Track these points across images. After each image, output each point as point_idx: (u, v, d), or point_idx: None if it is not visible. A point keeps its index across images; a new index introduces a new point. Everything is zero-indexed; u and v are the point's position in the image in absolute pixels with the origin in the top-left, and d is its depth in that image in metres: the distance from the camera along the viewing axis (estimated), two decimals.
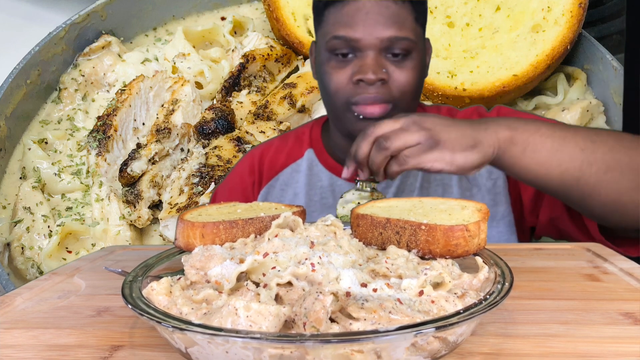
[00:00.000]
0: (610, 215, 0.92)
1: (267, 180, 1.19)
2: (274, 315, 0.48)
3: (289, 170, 1.18)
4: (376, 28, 0.99)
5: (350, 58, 1.02)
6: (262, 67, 1.83)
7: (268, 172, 1.19)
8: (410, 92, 1.02)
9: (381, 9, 0.99)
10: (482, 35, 1.76)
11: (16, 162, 1.79)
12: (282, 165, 1.19)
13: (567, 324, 0.59)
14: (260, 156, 1.21)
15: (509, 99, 1.76)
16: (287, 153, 1.20)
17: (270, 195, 1.17)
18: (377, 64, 0.99)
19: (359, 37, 0.99)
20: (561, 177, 0.88)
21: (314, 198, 1.14)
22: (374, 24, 0.99)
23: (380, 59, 1.00)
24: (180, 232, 0.69)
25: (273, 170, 1.19)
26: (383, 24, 0.99)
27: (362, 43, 1.00)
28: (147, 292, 0.56)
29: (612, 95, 1.72)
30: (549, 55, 1.68)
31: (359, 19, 0.99)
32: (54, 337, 0.60)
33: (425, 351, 0.49)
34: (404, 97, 1.02)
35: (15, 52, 1.78)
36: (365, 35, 0.99)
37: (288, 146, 1.21)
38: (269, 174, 1.19)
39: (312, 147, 1.19)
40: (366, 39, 0.99)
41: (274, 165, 1.19)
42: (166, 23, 2.05)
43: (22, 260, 1.60)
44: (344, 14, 1.01)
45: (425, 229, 0.62)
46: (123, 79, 1.85)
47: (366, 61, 0.99)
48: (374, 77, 0.99)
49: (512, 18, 1.75)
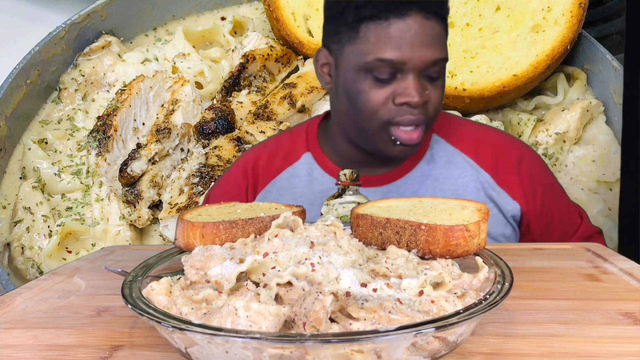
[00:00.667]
0: None
1: (263, 185, 1.16)
2: (274, 315, 0.48)
3: (286, 174, 1.15)
4: (421, 50, 0.96)
5: (389, 78, 0.98)
6: (262, 67, 1.83)
7: (263, 177, 1.16)
8: (439, 109, 1.03)
9: (427, 30, 0.96)
10: (482, 35, 1.76)
11: (16, 162, 1.79)
12: (278, 169, 1.16)
13: (567, 324, 0.59)
14: (254, 160, 1.18)
15: (509, 99, 1.76)
16: (283, 156, 1.17)
17: (267, 200, 1.13)
18: (421, 86, 0.97)
19: (405, 60, 0.96)
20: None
21: (315, 203, 1.10)
22: (420, 46, 0.95)
23: (421, 80, 0.98)
24: (180, 232, 0.69)
25: (269, 175, 1.16)
26: (428, 45, 0.96)
27: (407, 66, 0.96)
28: (147, 292, 0.56)
29: (612, 95, 1.71)
30: (549, 55, 1.68)
31: (406, 41, 0.95)
32: (54, 337, 0.60)
33: (425, 351, 0.49)
34: (436, 115, 1.02)
35: (15, 52, 1.77)
36: (411, 58, 0.96)
37: (283, 148, 1.18)
38: (265, 178, 1.16)
39: (309, 150, 1.16)
40: (412, 62, 0.96)
41: (269, 170, 1.16)
42: (166, 23, 2.05)
43: (22, 260, 1.60)
44: (390, 34, 0.95)
45: (425, 229, 0.62)
46: (123, 79, 1.85)
47: (410, 84, 0.96)
48: (421, 100, 0.97)
49: (512, 18, 1.75)
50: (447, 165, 1.11)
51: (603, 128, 1.73)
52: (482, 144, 1.12)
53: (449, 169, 1.10)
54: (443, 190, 1.09)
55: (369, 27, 0.97)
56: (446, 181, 1.10)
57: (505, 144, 1.14)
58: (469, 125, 1.19)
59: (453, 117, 1.24)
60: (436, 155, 1.11)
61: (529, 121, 1.70)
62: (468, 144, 1.12)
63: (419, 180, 1.10)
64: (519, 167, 1.10)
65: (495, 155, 1.11)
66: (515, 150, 1.13)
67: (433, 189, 1.09)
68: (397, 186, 1.10)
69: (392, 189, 1.09)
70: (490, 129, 1.23)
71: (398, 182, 1.10)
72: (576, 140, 1.71)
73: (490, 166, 1.10)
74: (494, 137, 1.15)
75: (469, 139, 1.13)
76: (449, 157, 1.11)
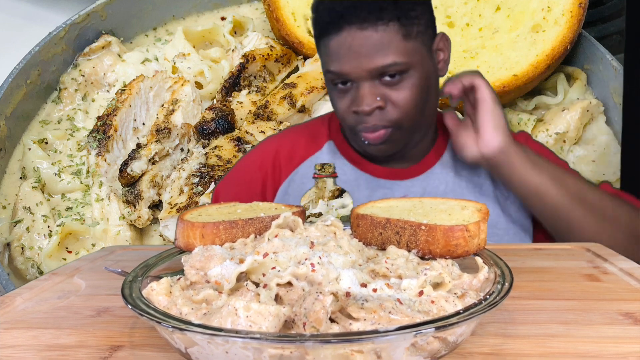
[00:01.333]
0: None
1: (286, 175, 1.17)
2: (273, 316, 0.48)
3: (309, 163, 1.17)
4: (360, 61, 0.99)
5: (349, 86, 1.02)
6: (262, 67, 1.83)
7: (287, 166, 1.17)
8: (413, 109, 1.02)
9: (362, 41, 0.98)
10: (482, 35, 1.76)
11: (16, 162, 1.79)
12: (302, 157, 1.17)
13: (567, 324, 0.59)
14: (275, 150, 1.19)
15: (509, 99, 1.76)
16: (305, 145, 1.19)
17: (291, 189, 1.15)
18: (370, 94, 1.00)
19: (347, 72, 1.00)
20: (556, 200, 1.02)
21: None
22: (358, 57, 0.99)
23: (375, 86, 1.00)
24: (180, 232, 0.69)
25: (292, 164, 1.17)
26: (365, 55, 0.98)
27: (352, 76, 1.00)
28: (147, 292, 0.56)
29: (612, 95, 1.71)
30: (549, 55, 1.68)
31: (343, 53, 0.99)
32: (54, 337, 0.60)
33: (425, 351, 0.49)
34: (406, 116, 1.02)
35: (15, 52, 1.77)
36: (352, 69, 0.99)
37: (304, 138, 1.20)
38: (288, 168, 1.17)
39: (332, 139, 1.18)
40: (355, 72, 1.00)
41: (293, 158, 1.18)
42: (166, 23, 2.05)
43: (22, 260, 1.60)
44: (331, 48, 1.01)
45: (425, 229, 0.62)
46: (123, 79, 1.85)
47: (360, 92, 1.00)
48: (368, 108, 1.00)
49: (512, 18, 1.75)
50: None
51: (603, 128, 1.73)
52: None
53: (466, 166, 1.13)
54: (461, 187, 1.11)
55: (322, 42, 1.04)
56: (463, 178, 1.13)
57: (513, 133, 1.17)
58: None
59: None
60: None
61: (529, 121, 1.70)
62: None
63: (438, 177, 1.12)
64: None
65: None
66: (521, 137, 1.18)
67: (453, 185, 1.12)
68: (420, 180, 1.12)
69: (415, 182, 1.12)
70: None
71: (421, 176, 1.13)
72: (576, 140, 1.71)
73: None
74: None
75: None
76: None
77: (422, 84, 1.02)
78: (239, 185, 1.19)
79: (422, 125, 1.09)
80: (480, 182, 1.12)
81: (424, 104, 1.04)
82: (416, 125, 1.06)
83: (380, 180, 1.12)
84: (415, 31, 1.01)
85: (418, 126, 1.07)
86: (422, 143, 1.13)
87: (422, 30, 1.02)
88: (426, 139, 1.13)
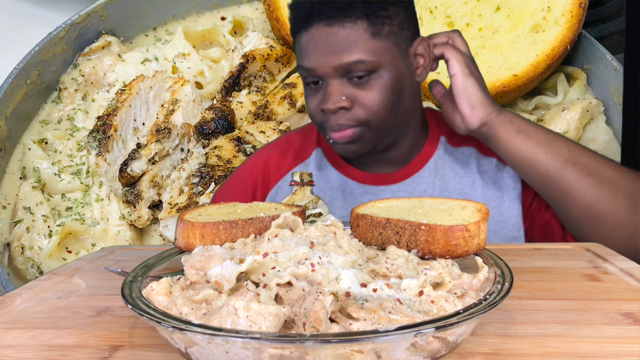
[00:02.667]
0: (585, 223, 1.00)
1: (274, 183, 1.18)
2: (273, 316, 0.48)
3: (296, 170, 1.17)
4: (325, 57, 0.99)
5: (320, 85, 1.02)
6: (262, 67, 1.83)
7: (275, 175, 1.18)
8: (383, 110, 1.01)
9: (328, 37, 0.98)
10: (482, 35, 1.76)
11: (16, 162, 1.79)
12: (289, 166, 1.18)
13: (567, 324, 0.59)
14: (265, 160, 1.20)
15: (509, 99, 1.76)
16: (294, 153, 1.19)
17: (278, 197, 1.16)
18: (337, 93, 0.99)
19: (313, 67, 1.00)
20: (546, 166, 0.99)
21: (325, 198, 1.13)
22: (324, 53, 0.99)
23: (343, 85, 1.00)
24: (180, 232, 0.69)
25: (280, 173, 1.18)
26: (332, 51, 0.98)
27: (319, 72, 1.00)
28: (147, 292, 0.56)
29: (612, 95, 1.71)
30: (549, 55, 1.68)
31: (310, 49, 1.00)
32: (53, 337, 0.60)
33: (425, 351, 0.49)
34: (375, 116, 1.01)
35: (15, 52, 1.77)
36: (318, 65, 1.00)
37: (294, 146, 1.20)
38: (276, 176, 1.18)
39: (320, 146, 1.19)
40: (321, 69, 1.00)
41: (281, 167, 1.18)
42: (166, 23, 2.05)
43: (22, 260, 1.60)
44: (300, 44, 1.02)
45: (425, 229, 0.62)
46: (123, 79, 1.85)
47: (327, 90, 1.00)
48: (333, 107, 0.99)
49: (512, 18, 1.75)
50: (452, 165, 1.12)
51: (603, 128, 1.73)
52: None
53: (454, 169, 1.12)
54: (449, 190, 1.10)
55: (295, 39, 1.05)
56: (451, 180, 1.11)
57: None
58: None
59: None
60: (444, 155, 1.13)
61: None
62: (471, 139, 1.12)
63: (426, 180, 1.11)
64: None
65: None
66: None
67: (440, 188, 1.11)
68: (407, 185, 1.11)
69: (402, 187, 1.11)
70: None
71: (407, 180, 1.12)
72: (576, 140, 1.71)
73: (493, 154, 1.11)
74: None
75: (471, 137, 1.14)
76: (455, 156, 1.13)
77: (393, 85, 1.01)
78: (234, 193, 1.21)
79: (395, 127, 1.06)
80: (469, 183, 1.11)
81: (395, 106, 1.02)
82: (387, 127, 1.04)
83: (366, 187, 1.12)
84: (386, 31, 1.00)
85: (390, 128, 1.05)
86: (404, 146, 1.11)
87: (394, 31, 1.01)
88: (408, 140, 1.11)
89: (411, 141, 1.12)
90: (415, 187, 1.11)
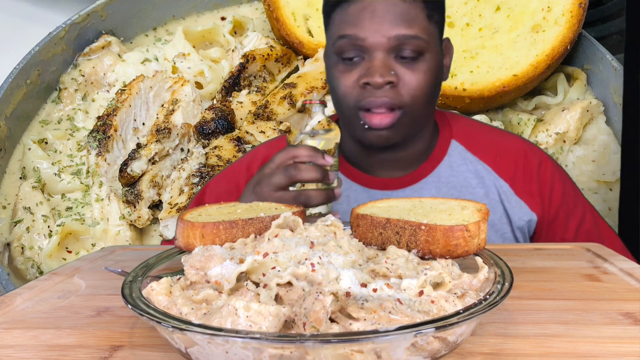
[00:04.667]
0: None
1: None
2: (273, 316, 0.48)
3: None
4: (383, 26, 0.95)
5: (357, 61, 0.98)
6: (262, 67, 1.83)
7: None
8: (423, 97, 0.98)
9: (388, 7, 0.95)
10: (482, 35, 1.76)
11: (16, 162, 1.79)
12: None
13: (567, 324, 0.59)
14: (264, 156, 1.18)
15: (509, 99, 1.76)
16: None
17: None
18: (385, 66, 0.95)
19: (364, 36, 0.95)
20: None
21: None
22: (381, 22, 0.95)
23: (389, 60, 0.96)
24: (180, 232, 0.69)
25: None
26: (390, 21, 0.95)
27: (368, 42, 0.95)
28: (147, 292, 0.56)
29: (612, 95, 1.71)
30: (549, 55, 1.68)
31: (365, 17, 0.95)
32: (54, 337, 0.60)
33: (425, 351, 0.49)
34: (416, 102, 0.98)
35: (15, 52, 1.77)
36: (371, 34, 0.95)
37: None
38: None
39: None
40: (373, 38, 0.95)
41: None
42: (166, 23, 2.05)
43: (22, 260, 1.60)
44: (350, 13, 0.97)
45: (425, 229, 0.62)
46: (123, 79, 1.85)
47: (373, 63, 0.95)
48: (382, 79, 0.94)
49: (512, 18, 1.75)
50: (465, 174, 1.09)
51: (603, 128, 1.73)
52: (503, 152, 1.11)
53: (467, 178, 1.09)
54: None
55: (336, 12, 1.00)
56: (463, 190, 1.08)
57: (526, 151, 1.12)
58: (489, 132, 1.17)
59: (473, 122, 1.22)
60: (454, 163, 1.10)
61: (529, 121, 1.70)
62: (488, 152, 1.10)
63: (435, 185, 1.09)
64: (538, 174, 1.09)
65: (515, 164, 1.10)
66: (536, 158, 1.12)
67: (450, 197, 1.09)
68: (414, 191, 1.09)
69: (408, 193, 1.08)
70: (511, 135, 1.20)
71: (414, 186, 1.09)
72: (576, 140, 1.71)
73: (509, 176, 1.09)
74: (515, 145, 1.13)
75: (489, 147, 1.12)
76: (467, 165, 1.10)
77: (436, 72, 0.99)
78: (226, 183, 1.18)
79: (425, 118, 1.05)
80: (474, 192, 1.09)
81: (433, 95, 1.01)
82: (421, 116, 1.02)
83: (371, 191, 1.10)
84: (435, 17, 0.99)
85: (422, 118, 1.03)
86: (416, 146, 1.09)
87: (440, 21, 1.01)
88: (420, 140, 1.09)
89: (422, 142, 1.10)
90: (421, 194, 1.08)
